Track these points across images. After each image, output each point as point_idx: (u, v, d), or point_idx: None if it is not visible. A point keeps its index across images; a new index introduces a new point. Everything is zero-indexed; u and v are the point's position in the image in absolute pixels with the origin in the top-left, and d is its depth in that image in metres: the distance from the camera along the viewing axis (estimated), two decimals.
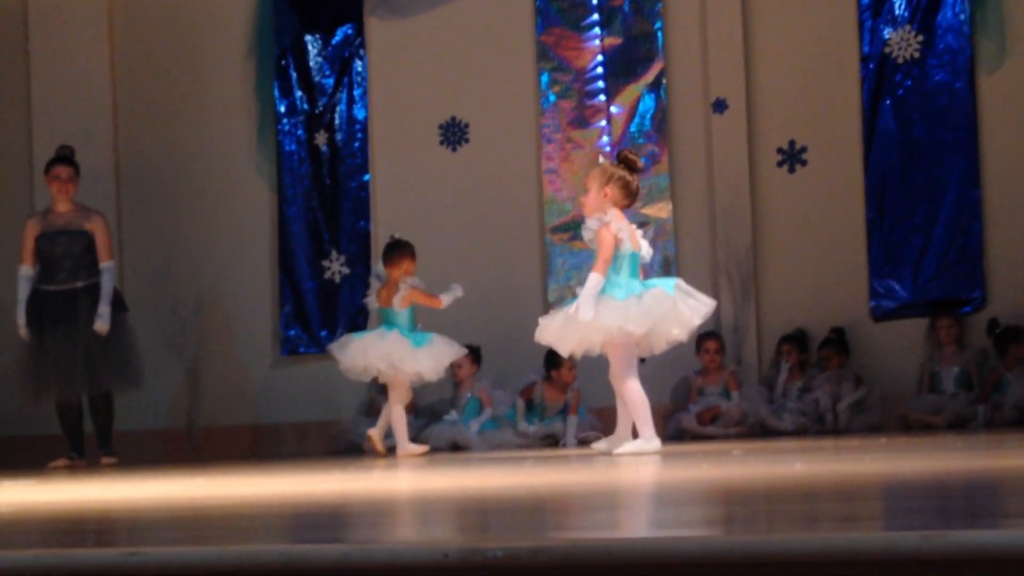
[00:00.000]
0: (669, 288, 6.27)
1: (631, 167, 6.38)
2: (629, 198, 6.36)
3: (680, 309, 6.21)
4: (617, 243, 6.20)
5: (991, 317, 8.86)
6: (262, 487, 4.65)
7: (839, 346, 9.00)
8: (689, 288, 6.38)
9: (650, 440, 6.21)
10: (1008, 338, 8.71)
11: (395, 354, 7.72)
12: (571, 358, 8.25)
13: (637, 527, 2.61)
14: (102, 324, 8.36)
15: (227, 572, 2.19)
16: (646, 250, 6.41)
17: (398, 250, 7.93)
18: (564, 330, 6.27)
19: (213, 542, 2.43)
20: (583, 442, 8.22)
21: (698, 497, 3.23)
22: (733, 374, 9.01)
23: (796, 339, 9.07)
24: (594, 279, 6.16)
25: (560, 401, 8.75)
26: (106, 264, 8.46)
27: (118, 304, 8.53)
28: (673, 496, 3.32)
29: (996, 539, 1.98)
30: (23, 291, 8.44)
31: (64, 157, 8.58)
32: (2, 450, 9.29)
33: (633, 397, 6.21)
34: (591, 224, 6.27)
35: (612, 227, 6.22)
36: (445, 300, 7.80)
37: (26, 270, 8.48)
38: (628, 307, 6.10)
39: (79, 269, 8.45)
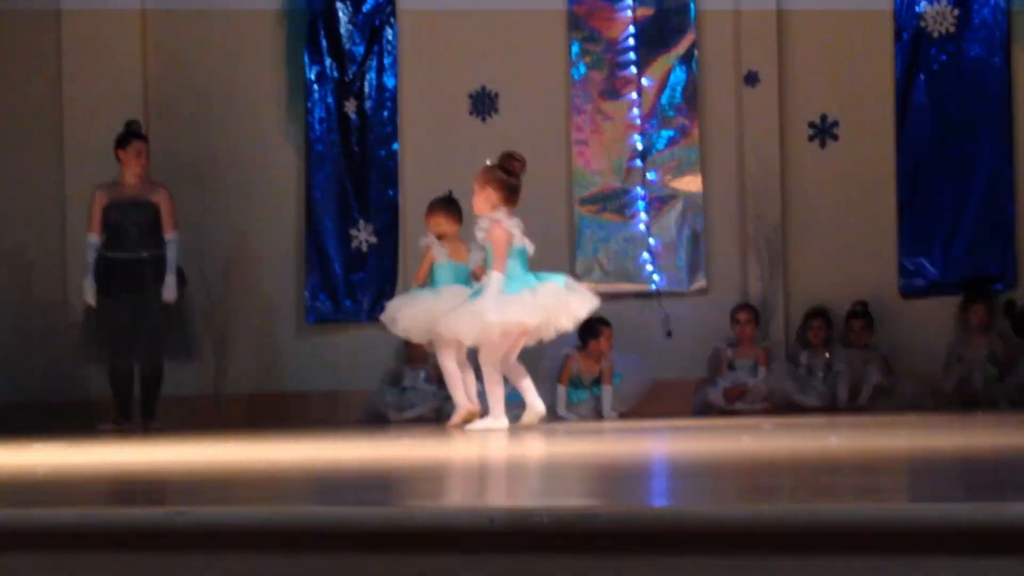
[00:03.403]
0: (561, 282, 6.78)
1: (507, 170, 6.75)
2: (511, 197, 6.77)
3: (570, 302, 6.72)
4: (510, 239, 6.64)
5: (1008, 299, 8.81)
6: (298, 452, 4.66)
7: (867, 319, 8.95)
8: (575, 284, 6.93)
9: (499, 418, 6.77)
10: None
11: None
12: (608, 325, 8.37)
13: (678, 496, 2.60)
14: (169, 293, 8.55)
15: (273, 533, 2.18)
16: (530, 247, 6.80)
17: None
18: (469, 322, 6.66)
19: (258, 503, 2.43)
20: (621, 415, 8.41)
21: (740, 468, 3.23)
22: (765, 351, 8.97)
23: (823, 315, 9.02)
24: (496, 278, 6.61)
25: (594, 371, 8.72)
26: (171, 236, 8.64)
27: (179, 276, 8.68)
28: (714, 467, 3.32)
29: None
30: (90, 258, 8.61)
31: (140, 132, 8.78)
32: (51, 414, 9.37)
33: (493, 378, 6.76)
34: (483, 224, 6.71)
35: (504, 224, 6.65)
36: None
37: (93, 239, 8.65)
38: (523, 300, 6.58)
39: (145, 240, 8.61)
